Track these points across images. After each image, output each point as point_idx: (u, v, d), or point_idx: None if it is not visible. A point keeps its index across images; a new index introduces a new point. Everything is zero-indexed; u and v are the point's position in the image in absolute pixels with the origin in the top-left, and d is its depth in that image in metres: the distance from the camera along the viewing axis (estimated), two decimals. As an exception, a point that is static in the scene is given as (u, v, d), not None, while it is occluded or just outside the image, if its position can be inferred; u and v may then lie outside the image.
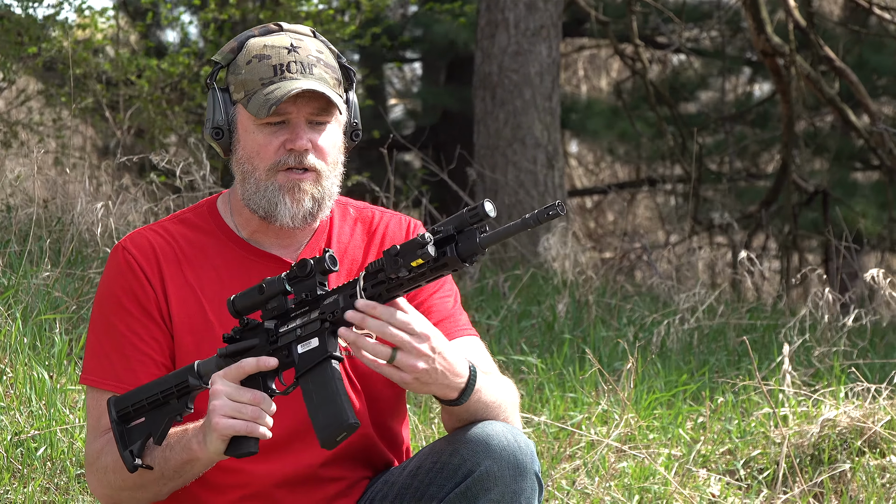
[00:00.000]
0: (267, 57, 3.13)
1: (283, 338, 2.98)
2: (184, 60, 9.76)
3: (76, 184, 7.79)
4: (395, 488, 3.12)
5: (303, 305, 2.97)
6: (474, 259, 2.87)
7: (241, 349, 2.99)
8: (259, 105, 3.10)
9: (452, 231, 2.86)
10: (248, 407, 2.90)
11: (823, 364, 6.27)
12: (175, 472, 3.04)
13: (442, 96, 14.47)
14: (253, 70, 3.13)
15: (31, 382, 4.81)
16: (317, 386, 2.96)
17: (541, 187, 10.23)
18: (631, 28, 11.09)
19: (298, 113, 3.12)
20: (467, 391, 2.99)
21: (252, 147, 3.14)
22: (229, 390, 2.91)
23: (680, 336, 6.82)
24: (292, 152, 3.12)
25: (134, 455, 3.01)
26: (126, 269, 3.17)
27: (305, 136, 3.12)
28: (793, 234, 11.33)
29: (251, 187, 3.16)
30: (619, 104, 13.54)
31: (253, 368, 2.93)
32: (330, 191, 3.17)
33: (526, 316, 7.29)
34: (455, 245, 2.86)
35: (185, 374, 3.00)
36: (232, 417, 2.90)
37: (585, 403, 5.49)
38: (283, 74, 3.11)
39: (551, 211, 2.80)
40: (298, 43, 3.16)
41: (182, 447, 3.01)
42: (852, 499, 4.89)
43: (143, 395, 3.01)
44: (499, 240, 2.86)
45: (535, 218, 2.82)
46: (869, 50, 13.21)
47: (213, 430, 2.91)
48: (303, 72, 3.12)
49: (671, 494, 4.74)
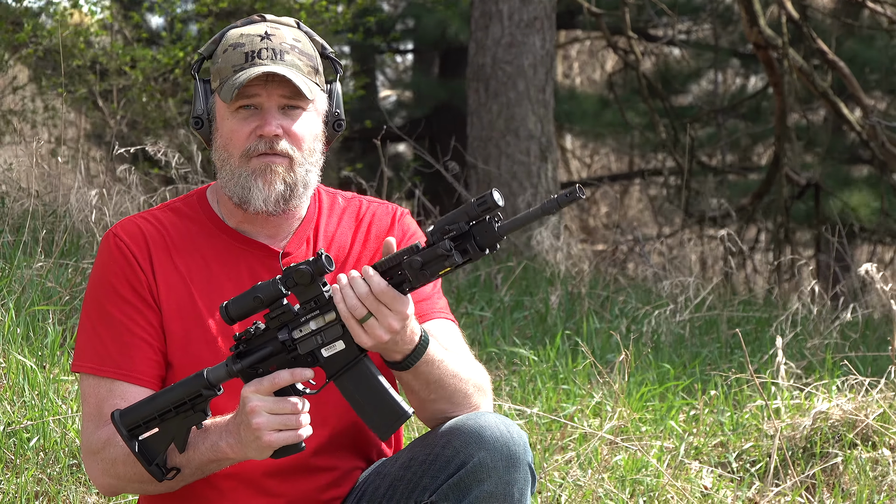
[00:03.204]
0: (241, 45, 3.15)
1: (303, 345, 2.98)
2: (177, 52, 9.75)
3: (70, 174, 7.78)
4: (387, 480, 3.12)
5: (312, 311, 2.97)
6: (495, 248, 2.87)
7: (258, 359, 2.99)
8: (228, 90, 3.11)
9: (466, 226, 2.86)
10: (292, 417, 2.94)
11: (816, 357, 6.28)
12: (198, 469, 3.06)
13: (434, 87, 14.47)
14: (227, 58, 3.15)
15: (24, 373, 4.80)
16: (357, 385, 2.98)
17: (534, 179, 10.23)
18: (624, 20, 11.09)
19: (269, 98, 3.13)
20: (413, 357, 3.00)
21: (226, 134, 3.16)
22: (269, 405, 2.93)
23: (672, 328, 6.83)
24: (262, 138, 3.12)
25: (162, 468, 3.02)
26: (118, 256, 3.18)
27: (275, 121, 3.13)
28: (785, 227, 11.34)
29: (227, 174, 3.17)
30: (612, 96, 13.55)
31: (288, 382, 2.96)
32: (304, 178, 3.17)
33: (519, 308, 7.30)
34: (474, 239, 2.86)
35: (196, 385, 2.99)
36: (279, 430, 2.93)
37: (578, 395, 5.50)
38: (252, 61, 3.12)
39: (571, 195, 2.79)
40: (274, 31, 3.17)
41: (209, 448, 3.02)
42: (844, 491, 4.90)
43: (152, 409, 2.99)
44: (518, 227, 2.86)
45: (556, 202, 2.82)
46: (860, 44, 13.21)
47: (264, 445, 2.93)
48: (273, 58, 3.13)
49: (664, 487, 4.74)
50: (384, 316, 2.92)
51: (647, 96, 11.52)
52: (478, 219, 2.86)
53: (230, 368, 2.98)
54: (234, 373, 2.98)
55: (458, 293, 7.49)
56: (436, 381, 3.06)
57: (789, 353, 6.50)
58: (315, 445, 3.15)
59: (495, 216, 2.86)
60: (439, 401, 3.08)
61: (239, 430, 2.96)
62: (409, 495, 3.07)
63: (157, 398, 3.00)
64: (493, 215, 2.86)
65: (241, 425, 2.96)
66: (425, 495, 3.04)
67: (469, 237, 2.87)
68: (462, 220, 2.86)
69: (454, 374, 3.08)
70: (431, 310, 3.23)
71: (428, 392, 3.07)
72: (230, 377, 2.99)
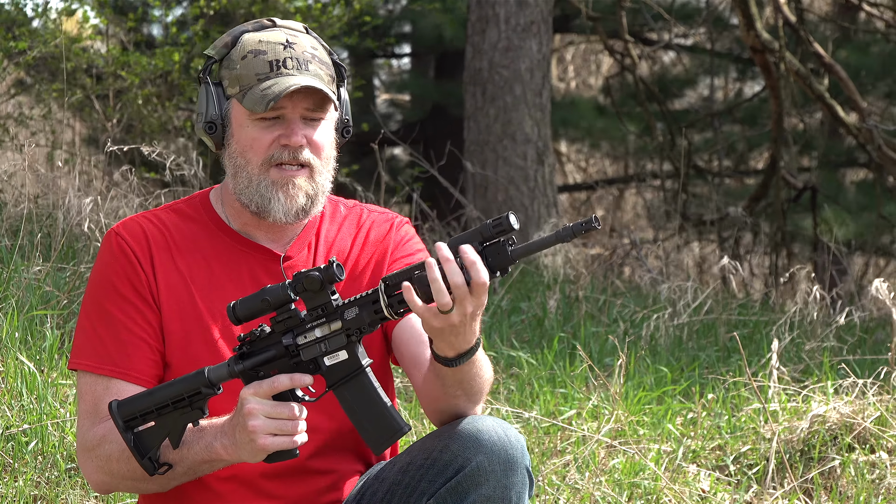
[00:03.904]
0: (263, 52, 3.14)
1: (306, 352, 2.98)
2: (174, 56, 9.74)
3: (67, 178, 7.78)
4: (385, 484, 3.12)
5: (318, 318, 2.97)
6: (506, 272, 2.87)
7: (259, 362, 2.99)
8: (255, 100, 3.10)
9: (479, 246, 2.85)
10: (288, 423, 2.93)
11: (813, 360, 6.29)
12: (191, 469, 3.06)
13: (430, 91, 14.47)
14: (248, 65, 3.14)
15: (23, 377, 4.81)
16: (356, 397, 2.98)
17: (531, 183, 10.24)
18: (621, 24, 11.10)
19: (294, 109, 3.13)
20: (468, 354, 2.97)
21: (246, 141, 3.15)
22: (266, 409, 2.93)
23: (670, 332, 6.83)
24: (287, 148, 3.13)
25: (154, 462, 3.02)
26: (120, 255, 3.18)
27: (301, 131, 3.14)
28: (781, 231, 11.35)
29: (243, 181, 3.17)
30: (607, 101, 13.55)
31: (287, 387, 2.95)
32: (323, 186, 3.20)
33: (516, 311, 7.30)
34: (486, 260, 2.85)
35: (196, 382, 2.99)
36: (274, 434, 2.93)
37: (576, 399, 5.50)
38: (279, 70, 3.12)
39: (587, 224, 2.78)
40: (294, 39, 3.17)
41: (203, 448, 3.02)
42: (841, 494, 4.90)
43: (150, 402, 3.00)
44: (531, 252, 2.85)
45: (571, 231, 2.81)
46: (857, 47, 13.22)
47: (258, 448, 2.93)
48: (299, 68, 3.13)
49: (661, 490, 4.75)
50: (465, 300, 2.85)
51: (643, 100, 11.53)
52: (492, 240, 2.85)
53: (232, 369, 2.98)
54: (235, 373, 2.98)
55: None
56: (469, 380, 3.05)
57: (787, 356, 6.50)
58: (313, 449, 3.16)
59: (509, 239, 2.86)
60: (461, 397, 3.07)
61: (234, 431, 2.97)
62: (407, 499, 3.07)
63: (155, 392, 3.00)
64: (508, 238, 2.85)
65: (237, 427, 2.96)
66: (423, 499, 3.04)
67: (482, 258, 2.86)
68: (476, 241, 2.86)
69: (481, 375, 3.07)
70: None
71: (457, 388, 3.05)
72: (231, 377, 2.99)
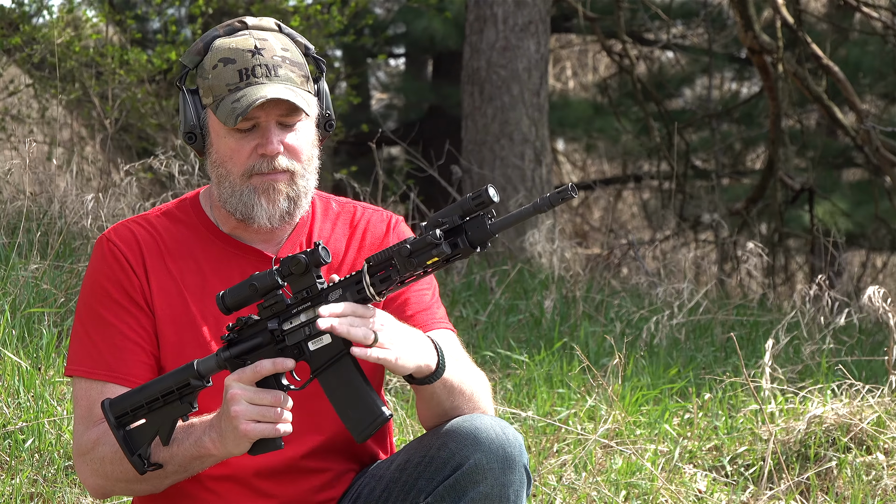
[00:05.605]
0: (232, 61, 3.13)
1: (291, 336, 2.98)
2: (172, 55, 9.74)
3: (64, 176, 7.77)
4: (382, 482, 3.12)
5: (303, 301, 2.97)
6: (486, 246, 2.87)
7: (246, 349, 2.99)
8: (227, 114, 3.10)
9: (458, 220, 2.85)
10: (271, 409, 2.93)
11: (811, 361, 6.29)
12: (181, 467, 3.05)
13: (426, 92, 14.47)
14: (219, 75, 3.13)
15: (20, 374, 4.80)
16: (339, 382, 2.97)
17: (528, 183, 10.24)
18: (618, 24, 11.10)
19: (267, 117, 3.12)
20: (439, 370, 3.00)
21: (225, 152, 3.15)
22: (249, 394, 2.93)
23: (667, 332, 6.83)
24: (264, 157, 3.13)
25: (143, 459, 3.02)
26: (112, 260, 3.18)
27: (276, 139, 3.13)
28: (779, 232, 11.35)
29: (227, 190, 3.17)
30: (605, 101, 13.55)
31: (269, 371, 2.94)
32: (305, 188, 3.19)
33: (513, 311, 7.30)
34: (465, 234, 2.85)
35: (185, 375, 2.99)
36: (256, 421, 2.92)
37: (573, 399, 5.50)
38: (248, 80, 3.11)
39: (563, 194, 2.78)
40: (262, 44, 3.15)
41: (192, 443, 3.02)
42: (838, 495, 4.90)
43: (141, 397, 3.00)
44: (510, 225, 2.84)
45: (548, 201, 2.80)
46: (854, 48, 13.23)
47: (241, 435, 2.92)
48: (268, 75, 3.12)
49: (658, 490, 4.75)
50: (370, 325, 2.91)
51: (641, 100, 11.53)
52: (472, 214, 2.85)
53: (220, 358, 2.99)
54: (223, 362, 2.98)
55: (453, 296, 7.49)
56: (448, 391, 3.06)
57: (785, 356, 6.50)
58: (307, 450, 3.16)
59: (489, 213, 2.85)
60: (457, 409, 3.09)
61: (220, 421, 2.96)
62: (404, 497, 3.07)
63: (146, 387, 3.01)
64: (487, 212, 2.85)
65: (222, 415, 2.96)
66: (421, 497, 3.04)
67: (461, 231, 2.86)
68: (456, 214, 2.85)
69: (460, 380, 3.08)
70: (432, 319, 3.23)
71: (438, 401, 3.07)
72: (220, 368, 2.99)
